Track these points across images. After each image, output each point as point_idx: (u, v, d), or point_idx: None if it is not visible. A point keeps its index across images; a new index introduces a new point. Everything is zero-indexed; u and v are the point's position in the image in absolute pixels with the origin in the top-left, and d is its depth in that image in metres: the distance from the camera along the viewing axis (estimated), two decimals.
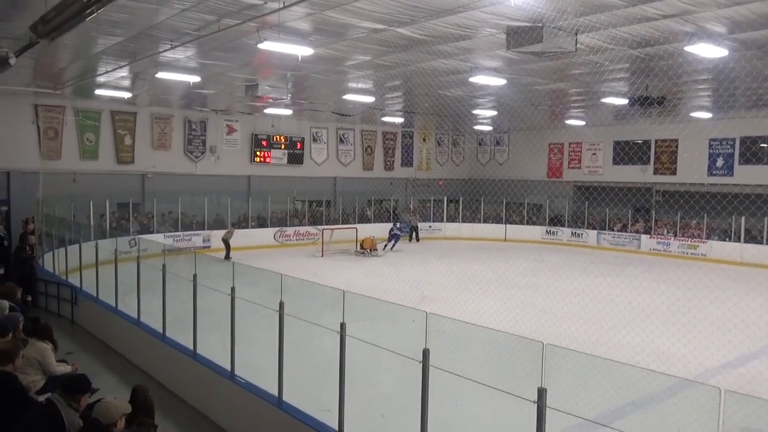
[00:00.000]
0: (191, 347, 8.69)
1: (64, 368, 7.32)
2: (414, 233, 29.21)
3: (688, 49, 12.01)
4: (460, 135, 35.31)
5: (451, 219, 31.51)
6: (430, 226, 30.66)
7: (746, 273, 20.08)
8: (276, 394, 6.96)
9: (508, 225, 30.39)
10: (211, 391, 8.19)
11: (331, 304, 6.43)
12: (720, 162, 25.58)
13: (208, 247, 22.84)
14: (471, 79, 16.45)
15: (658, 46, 12.56)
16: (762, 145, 24.40)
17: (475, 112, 25.07)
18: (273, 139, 27.74)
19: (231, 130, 26.81)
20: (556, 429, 4.98)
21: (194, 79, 16.72)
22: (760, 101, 19.78)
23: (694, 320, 12.75)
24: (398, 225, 26.90)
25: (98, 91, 20.04)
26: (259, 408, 7.15)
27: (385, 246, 25.48)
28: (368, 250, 24.10)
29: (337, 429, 6.13)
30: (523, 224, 30.42)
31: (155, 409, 5.35)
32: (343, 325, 6.13)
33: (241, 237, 24.41)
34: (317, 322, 6.73)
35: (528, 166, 32.30)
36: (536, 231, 29.84)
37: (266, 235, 25.80)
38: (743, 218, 23.15)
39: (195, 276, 8.78)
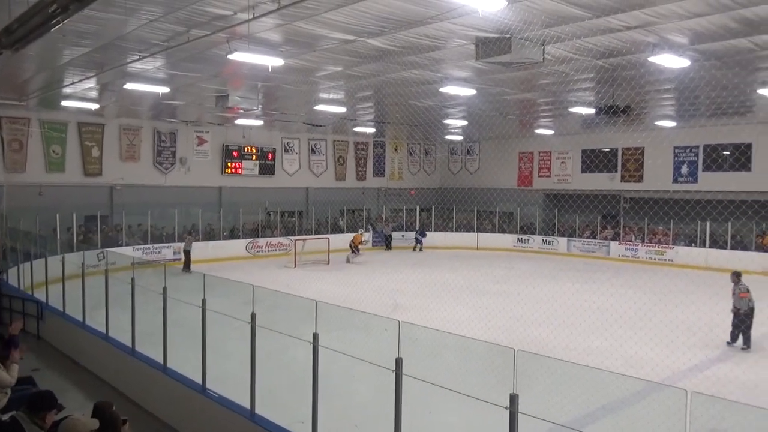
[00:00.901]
0: (161, 361, 8.54)
1: (13, 370, 6.97)
2: (387, 242, 29.24)
3: (651, 59, 12.30)
4: (432, 144, 35.54)
5: (424, 228, 31.61)
6: (403, 236, 30.72)
7: (710, 277, 20.51)
8: (248, 406, 6.88)
9: (479, 233, 30.60)
10: (182, 405, 8.05)
11: (304, 314, 6.39)
12: (684, 169, 26.17)
13: (179, 259, 22.52)
14: (441, 90, 16.60)
15: (622, 57, 12.84)
16: (724, 152, 25.05)
17: (446, 121, 25.28)
18: (244, 150, 27.56)
19: (201, 141, 26.57)
20: None
21: (163, 90, 16.54)
22: (719, 110, 20.33)
23: (660, 324, 12.99)
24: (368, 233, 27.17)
25: (64, 103, 19.70)
26: (231, 421, 7.05)
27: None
28: (356, 247, 24.51)
29: None
30: (495, 232, 30.67)
31: (124, 425, 5.23)
32: (315, 336, 6.10)
33: (212, 249, 24.16)
34: (290, 333, 6.68)
35: (499, 174, 32.65)
36: (507, 239, 30.12)
37: (238, 246, 25.57)
38: (707, 224, 23.71)
39: (165, 289, 8.65)
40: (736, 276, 12.57)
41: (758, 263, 21.62)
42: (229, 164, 27.18)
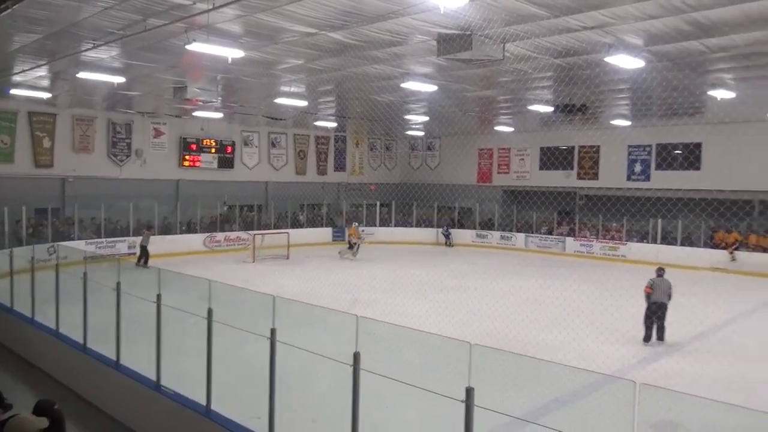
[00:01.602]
0: (114, 358, 8.35)
1: None
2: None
3: (607, 59, 12.57)
4: (393, 140, 35.60)
5: (384, 223, 31.67)
6: (363, 230, 30.66)
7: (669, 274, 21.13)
8: (204, 403, 6.79)
9: (437, 229, 30.83)
10: (135, 402, 7.89)
11: (262, 310, 6.34)
12: (638, 167, 26.88)
13: (134, 254, 22.03)
14: (403, 85, 16.64)
15: (579, 56, 13.10)
16: (675, 151, 25.82)
17: (408, 117, 25.37)
18: (202, 143, 27.09)
19: (158, 133, 26.00)
20: (485, 427, 5.09)
21: (118, 79, 16.12)
22: (671, 110, 20.93)
23: (612, 318, 13.32)
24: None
25: (14, 91, 18.98)
26: (187, 418, 6.95)
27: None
28: (351, 241, 24.42)
29: None
30: (455, 228, 30.95)
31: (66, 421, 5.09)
32: (273, 331, 6.06)
33: (169, 243, 23.69)
34: (248, 328, 6.62)
35: (459, 170, 32.98)
36: (467, 234, 30.42)
37: (195, 240, 25.15)
38: (659, 221, 24.43)
39: (118, 284, 8.46)
40: (658, 272, 12.50)
41: (706, 260, 22.37)
42: (186, 157, 26.67)
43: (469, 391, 4.50)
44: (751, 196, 23.43)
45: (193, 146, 26.82)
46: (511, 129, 28.76)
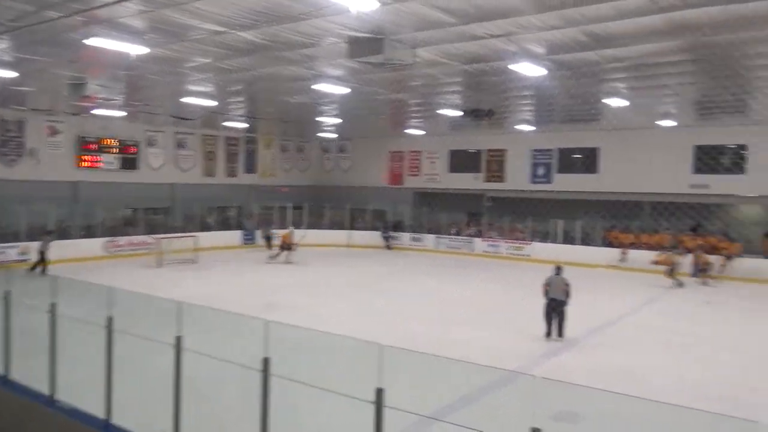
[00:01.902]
0: (2, 372, 7.77)
1: None
2: (269, 241, 28.19)
3: (512, 67, 13.06)
4: (305, 141, 35.30)
5: (296, 225, 31.27)
6: (273, 233, 30.19)
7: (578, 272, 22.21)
8: (103, 416, 6.44)
9: (352, 231, 30.88)
10: (26, 419, 7.37)
11: (169, 316, 6.11)
12: (541, 171, 28.10)
13: (26, 260, 20.58)
14: (315, 87, 16.55)
15: (486, 63, 13.53)
16: (575, 156, 27.22)
17: (320, 119, 25.24)
18: (103, 143, 25.71)
19: (54, 132, 24.43)
20: (396, 428, 5.14)
21: (10, 74, 15.04)
22: (571, 116, 22.08)
23: (517, 315, 13.86)
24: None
25: None
26: None
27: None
28: (287, 245, 23.91)
29: None
30: (367, 230, 31.11)
31: None
32: (178, 339, 5.85)
33: (67, 248, 22.30)
34: (152, 336, 6.36)
35: (371, 173, 33.22)
36: (379, 236, 30.63)
37: (95, 245, 23.82)
38: (561, 221, 25.66)
39: (8, 292, 7.88)
40: (555, 269, 12.87)
41: (603, 257, 23.68)
42: (85, 157, 25.22)
43: (379, 392, 4.54)
44: (642, 198, 25.08)
45: (93, 146, 25.38)
46: (422, 132, 29.30)
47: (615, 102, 17.62)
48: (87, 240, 23.80)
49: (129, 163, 26.61)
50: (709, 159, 22.94)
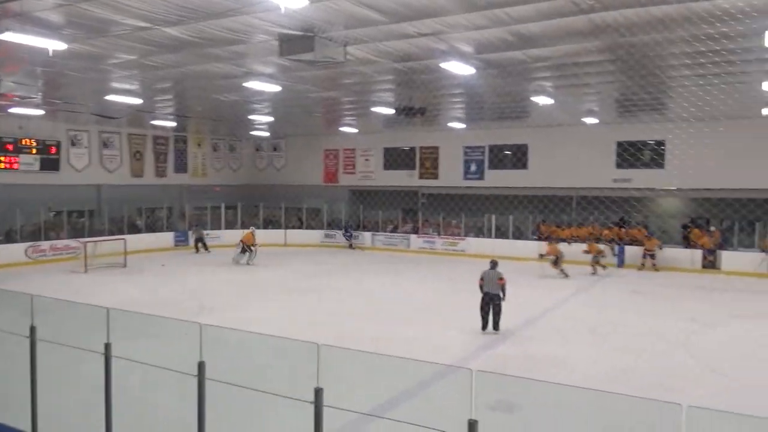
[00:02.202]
0: None
1: None
2: (198, 243, 27.49)
3: (442, 65, 13.26)
4: (237, 140, 34.67)
5: (230, 225, 30.74)
6: (207, 234, 29.54)
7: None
8: (29, 430, 6.15)
9: (287, 230, 30.60)
10: None
11: (97, 323, 5.89)
12: (473, 167, 28.67)
13: None
14: (246, 84, 16.28)
15: (417, 62, 13.67)
16: (506, 152, 27.92)
17: (252, 117, 24.85)
18: (20, 143, 24.40)
19: None
20: (335, 425, 5.15)
21: None
22: (500, 114, 22.62)
23: (453, 310, 14.12)
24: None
25: None
26: None
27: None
28: (248, 246, 23.27)
29: None
30: (303, 228, 30.91)
31: None
32: (107, 346, 5.65)
33: None
34: (79, 345, 6.11)
35: (305, 171, 33.00)
36: (315, 235, 30.49)
37: (15, 251, 22.61)
38: (493, 216, 26.27)
39: None
40: (491, 264, 13.14)
41: (532, 249, 24.38)
42: (2, 158, 23.87)
43: (318, 392, 4.54)
44: (569, 192, 26.01)
45: (10, 146, 24.07)
46: (355, 130, 29.31)
47: (542, 100, 18.18)
48: (6, 245, 22.58)
49: (50, 163, 25.35)
50: (630, 154, 24.02)
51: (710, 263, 21.82)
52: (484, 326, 12.66)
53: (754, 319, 14.19)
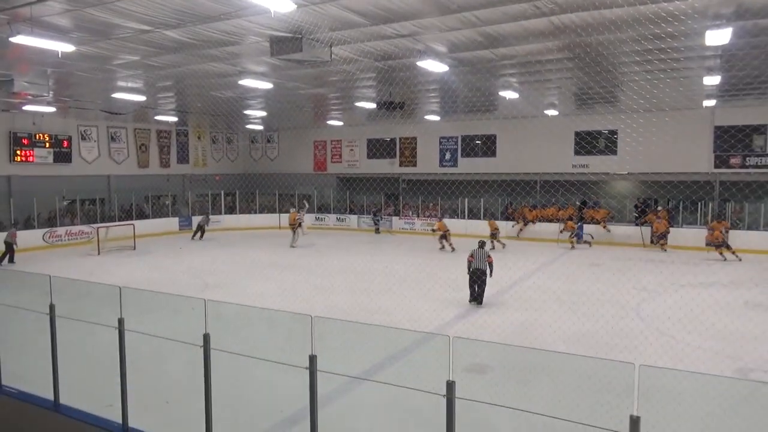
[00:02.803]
0: None
1: None
2: (200, 231, 26.98)
3: (419, 63, 13.18)
4: (234, 133, 34.31)
5: (229, 211, 30.58)
6: (209, 218, 29.30)
7: (469, 243, 22.93)
8: (51, 398, 6.11)
9: (281, 214, 30.45)
10: None
11: (110, 301, 5.84)
12: (448, 156, 28.68)
13: None
14: (240, 82, 16.05)
15: (396, 60, 13.56)
16: (476, 142, 27.94)
17: (247, 112, 24.56)
18: (35, 138, 23.93)
19: None
20: (327, 388, 5.18)
21: None
22: (471, 107, 22.58)
23: (432, 283, 14.19)
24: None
25: None
26: (34, 415, 6.23)
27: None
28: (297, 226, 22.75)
29: (120, 422, 5.60)
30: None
31: None
32: (120, 321, 5.61)
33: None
34: (96, 320, 6.06)
35: (297, 161, 32.80)
36: (307, 218, 30.26)
37: (34, 236, 22.27)
38: (466, 200, 26.37)
39: None
40: (479, 243, 13.53)
41: (503, 229, 24.53)
42: (18, 152, 23.41)
43: (312, 359, 4.55)
44: (534, 177, 26.15)
45: (26, 141, 23.59)
46: (341, 123, 29.14)
47: (508, 94, 18.17)
48: (25, 232, 22.22)
49: (63, 156, 24.93)
50: (586, 143, 24.18)
51: (659, 238, 22.14)
52: (473, 298, 12.70)
53: (697, 288, 14.46)
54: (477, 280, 12.67)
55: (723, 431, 5.90)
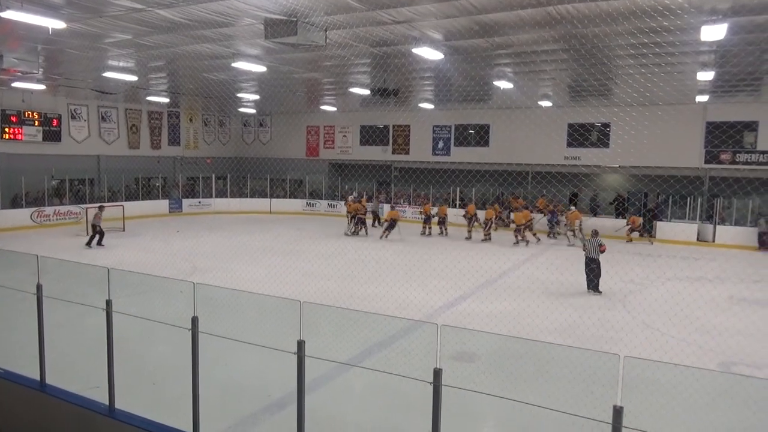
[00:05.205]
0: None
1: None
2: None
3: (414, 50, 13.09)
4: (226, 116, 34.04)
5: (220, 194, 30.43)
6: (200, 202, 29.22)
7: (459, 231, 23.00)
8: (38, 378, 6.09)
9: (272, 199, 30.38)
10: None
11: (98, 282, 5.80)
12: (441, 144, 28.64)
13: None
14: (233, 65, 15.87)
15: (391, 47, 13.48)
16: (470, 131, 27.92)
17: (240, 95, 24.35)
18: (24, 115, 23.61)
19: None
20: (315, 374, 5.19)
21: None
22: (465, 96, 22.51)
23: (421, 272, 14.24)
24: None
25: None
26: (19, 395, 6.20)
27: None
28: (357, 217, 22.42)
29: (107, 403, 5.60)
30: (286, 198, 30.70)
31: None
32: (108, 302, 5.58)
33: None
34: (83, 301, 6.02)
35: (289, 145, 32.61)
36: (298, 203, 30.33)
37: (22, 215, 22.08)
38: (458, 189, 26.39)
39: None
40: (593, 233, 13.69)
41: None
42: (7, 129, 23.09)
43: (300, 344, 4.56)
44: (526, 168, 26.20)
45: (14, 118, 23.28)
46: (334, 108, 28.97)
47: (503, 84, 18.11)
48: (12, 210, 22.01)
49: (52, 135, 24.63)
50: (579, 135, 24.23)
51: (647, 231, 22.30)
52: (589, 288, 13.04)
53: (683, 281, 14.61)
54: (592, 269, 12.95)
55: (705, 422, 6.00)
